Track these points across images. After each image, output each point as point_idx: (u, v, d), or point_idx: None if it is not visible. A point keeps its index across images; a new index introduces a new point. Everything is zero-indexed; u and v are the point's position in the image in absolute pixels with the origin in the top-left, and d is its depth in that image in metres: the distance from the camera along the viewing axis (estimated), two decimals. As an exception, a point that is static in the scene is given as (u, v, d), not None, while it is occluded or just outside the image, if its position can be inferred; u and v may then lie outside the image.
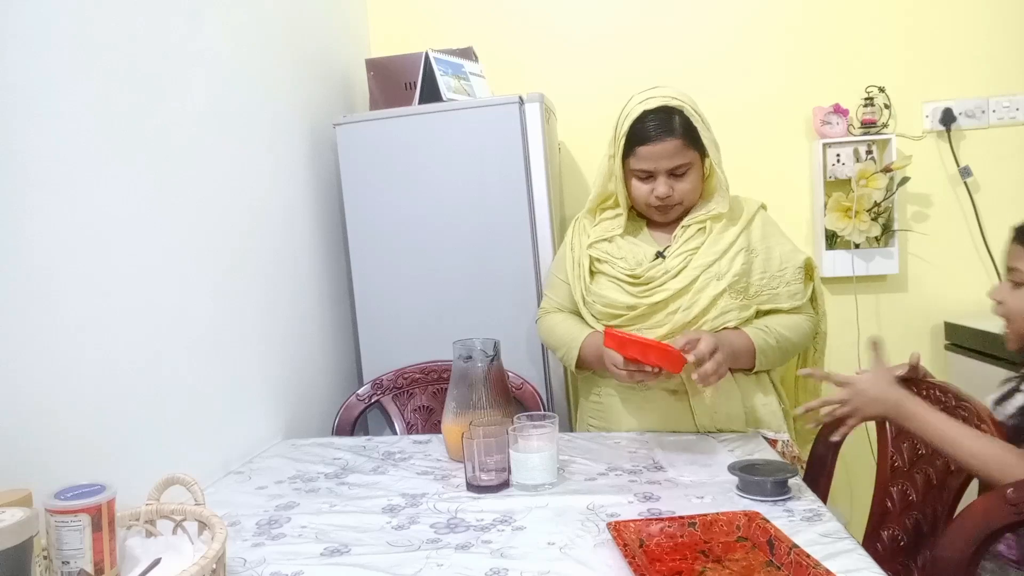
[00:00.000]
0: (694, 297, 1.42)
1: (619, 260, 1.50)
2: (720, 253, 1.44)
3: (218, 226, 1.49)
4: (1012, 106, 2.12)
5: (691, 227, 1.49)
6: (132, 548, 0.91)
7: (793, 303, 1.47)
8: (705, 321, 1.41)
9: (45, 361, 1.03)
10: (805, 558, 0.85)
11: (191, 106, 1.42)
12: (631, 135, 1.44)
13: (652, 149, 1.41)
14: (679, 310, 1.42)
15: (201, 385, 1.40)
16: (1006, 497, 0.94)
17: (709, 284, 1.42)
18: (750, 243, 1.47)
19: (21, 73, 1.02)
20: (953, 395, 1.26)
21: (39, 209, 1.04)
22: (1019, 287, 1.15)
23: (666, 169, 1.43)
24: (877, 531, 1.35)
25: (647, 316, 1.45)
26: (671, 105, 1.41)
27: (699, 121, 1.42)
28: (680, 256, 1.46)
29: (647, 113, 1.42)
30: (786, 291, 1.47)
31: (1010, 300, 1.16)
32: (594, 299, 1.51)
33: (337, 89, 2.15)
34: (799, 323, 1.48)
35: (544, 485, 1.20)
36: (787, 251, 1.49)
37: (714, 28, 2.24)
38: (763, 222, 1.51)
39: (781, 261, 1.48)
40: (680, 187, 1.45)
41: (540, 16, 2.32)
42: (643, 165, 1.44)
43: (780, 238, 1.51)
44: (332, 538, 1.07)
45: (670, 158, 1.42)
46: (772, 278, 1.46)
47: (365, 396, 1.88)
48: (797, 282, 1.48)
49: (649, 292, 1.45)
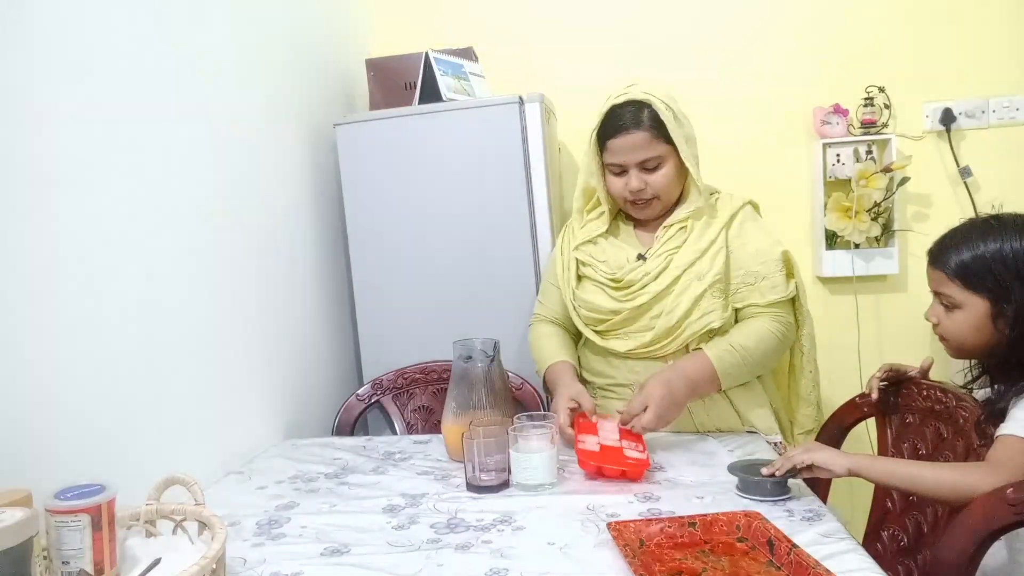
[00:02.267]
0: (676, 299, 1.42)
1: (601, 263, 1.50)
2: (701, 252, 1.43)
3: (218, 226, 1.49)
4: (1012, 106, 2.12)
5: (673, 227, 1.49)
6: (132, 548, 0.91)
7: (774, 296, 1.43)
8: (688, 323, 1.41)
9: (45, 361, 1.03)
10: (805, 558, 0.85)
11: (191, 106, 1.42)
12: (601, 130, 1.46)
13: (620, 142, 1.42)
14: (662, 314, 1.42)
15: (201, 385, 1.40)
16: (1006, 497, 0.94)
17: (691, 285, 1.42)
18: (729, 240, 1.46)
19: (21, 73, 1.02)
20: (953, 395, 1.26)
21: (39, 209, 1.04)
22: (951, 311, 1.17)
23: (636, 162, 1.43)
24: (877, 531, 1.35)
25: (631, 320, 1.46)
26: (639, 99, 1.42)
27: (669, 115, 1.41)
28: (661, 257, 1.46)
29: (615, 108, 1.44)
30: (766, 284, 1.43)
31: (945, 321, 1.19)
32: (579, 304, 1.52)
33: (337, 89, 2.15)
34: (763, 328, 1.42)
35: (544, 485, 1.20)
36: (763, 246, 1.46)
37: (714, 28, 2.24)
38: (744, 218, 1.49)
39: (757, 254, 1.45)
40: (653, 181, 1.45)
41: (540, 16, 2.32)
42: (614, 159, 1.45)
43: (757, 232, 1.48)
44: (332, 538, 1.07)
45: (638, 151, 1.42)
46: (748, 273, 1.44)
47: (365, 396, 1.88)
48: (777, 273, 1.44)
49: (631, 296, 1.45)
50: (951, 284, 1.16)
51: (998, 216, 1.17)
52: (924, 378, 1.36)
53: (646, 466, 1.23)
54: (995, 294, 1.11)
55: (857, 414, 1.46)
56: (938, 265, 1.19)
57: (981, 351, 1.18)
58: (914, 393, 1.36)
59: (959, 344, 1.19)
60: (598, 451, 1.26)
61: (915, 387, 1.35)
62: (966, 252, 1.14)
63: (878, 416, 1.43)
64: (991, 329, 1.13)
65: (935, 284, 1.20)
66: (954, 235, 1.19)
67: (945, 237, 1.20)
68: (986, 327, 1.13)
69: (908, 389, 1.37)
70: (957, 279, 1.15)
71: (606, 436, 1.32)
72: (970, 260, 1.14)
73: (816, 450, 1.11)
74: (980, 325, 1.14)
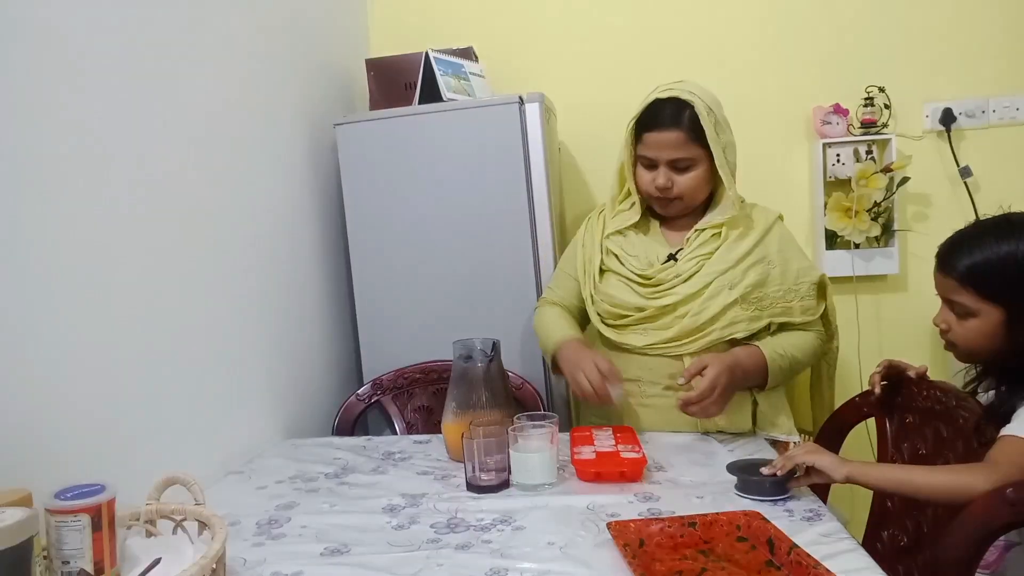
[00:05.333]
0: (704, 304, 1.41)
1: (631, 257, 1.50)
2: (734, 262, 1.43)
3: (218, 226, 1.49)
4: (1012, 106, 2.11)
5: (706, 231, 1.48)
6: (132, 548, 0.91)
7: (805, 318, 1.46)
8: (713, 329, 1.41)
9: (45, 361, 1.03)
10: (805, 558, 0.85)
11: (191, 106, 1.42)
12: (640, 121, 1.45)
13: (656, 137, 1.42)
14: (688, 315, 1.42)
15: (201, 385, 1.40)
16: (1006, 497, 0.94)
17: (721, 292, 1.41)
18: (767, 255, 1.45)
19: (21, 74, 1.02)
20: (953, 395, 1.26)
21: (39, 209, 1.04)
22: (963, 318, 1.14)
23: (667, 159, 1.43)
24: (877, 531, 1.35)
25: (655, 318, 1.45)
26: (683, 98, 1.41)
27: (710, 121, 1.40)
28: (693, 260, 1.45)
29: (658, 101, 1.43)
30: (799, 306, 1.45)
31: (956, 328, 1.16)
32: (602, 298, 1.50)
33: (337, 89, 2.15)
34: (809, 342, 1.47)
35: (544, 485, 1.20)
36: (804, 266, 1.48)
37: (714, 28, 2.24)
38: (780, 234, 1.50)
39: (797, 275, 1.46)
40: (681, 181, 1.44)
41: (540, 16, 2.32)
42: (647, 152, 1.45)
43: (797, 252, 1.50)
44: (332, 538, 1.07)
45: (672, 149, 1.42)
46: (788, 292, 1.45)
47: (365, 396, 1.88)
48: (811, 297, 1.47)
49: (659, 294, 1.45)
50: (964, 292, 1.12)
51: (1008, 217, 1.12)
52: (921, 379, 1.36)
53: (643, 464, 1.23)
54: (1011, 301, 1.08)
55: (857, 414, 1.46)
56: (948, 270, 1.14)
57: (990, 356, 1.16)
58: (914, 393, 1.36)
59: (969, 352, 1.16)
60: (595, 458, 1.26)
61: (915, 387, 1.35)
62: (979, 255, 1.10)
63: (878, 416, 1.43)
64: (1004, 336, 1.10)
65: (945, 291, 1.16)
66: (964, 237, 1.14)
67: (954, 240, 1.16)
68: (999, 335, 1.10)
69: (908, 389, 1.37)
70: (970, 286, 1.11)
71: (602, 443, 1.32)
72: (983, 264, 1.09)
73: (817, 453, 1.10)
74: (993, 333, 1.11)
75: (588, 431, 1.39)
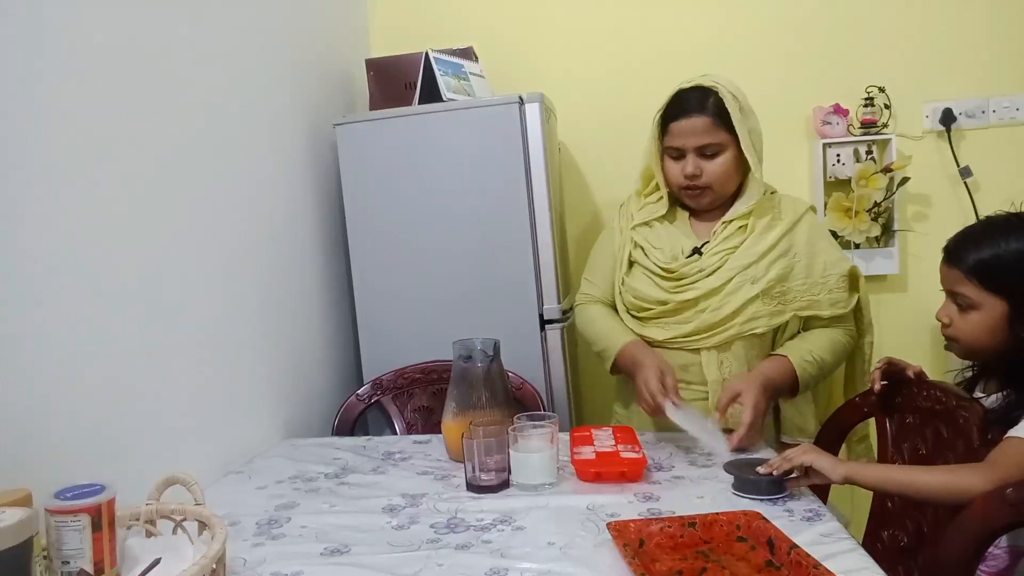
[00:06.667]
0: (725, 299, 1.41)
1: (656, 250, 1.49)
2: (759, 256, 1.42)
3: (218, 226, 1.49)
4: (1012, 106, 2.12)
5: (732, 223, 1.47)
6: (132, 548, 0.91)
7: (834, 311, 1.44)
8: (733, 324, 1.41)
9: (45, 361, 1.03)
10: (805, 558, 0.85)
11: (191, 106, 1.42)
12: (665, 113, 1.45)
13: (682, 125, 1.42)
14: (708, 309, 1.42)
15: (201, 385, 1.40)
16: (1006, 497, 0.94)
17: (743, 287, 1.41)
18: (792, 246, 1.44)
19: (21, 73, 1.02)
20: (953, 396, 1.26)
21: (39, 209, 1.04)
22: (966, 311, 1.14)
23: (694, 147, 1.42)
24: (877, 531, 1.35)
25: (676, 312, 1.45)
26: (707, 85, 1.42)
27: (735, 105, 1.40)
28: (717, 255, 1.45)
29: (682, 91, 1.44)
30: (827, 298, 1.43)
31: (958, 322, 1.16)
32: (626, 290, 1.51)
33: (337, 89, 2.15)
34: (838, 341, 1.45)
35: (544, 485, 1.20)
36: (833, 259, 1.46)
37: (714, 28, 2.24)
38: (810, 226, 1.48)
39: (825, 268, 1.44)
40: (709, 168, 1.43)
41: (540, 16, 2.32)
42: (674, 142, 1.45)
43: (826, 243, 1.48)
44: (332, 538, 1.07)
45: (699, 135, 1.41)
46: (813, 284, 1.43)
47: (365, 396, 1.88)
48: (840, 290, 1.44)
49: (681, 288, 1.44)
50: (968, 283, 1.12)
51: (1019, 214, 1.12)
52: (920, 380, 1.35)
53: (644, 464, 1.23)
54: (1015, 295, 1.08)
55: (857, 414, 1.46)
56: (955, 262, 1.14)
57: (991, 354, 1.16)
58: (914, 393, 1.35)
59: (970, 346, 1.16)
60: (595, 458, 1.26)
61: (915, 387, 1.35)
62: (986, 250, 1.10)
63: (878, 416, 1.43)
64: (1006, 332, 1.10)
65: (950, 283, 1.16)
66: (973, 232, 1.14)
67: (963, 234, 1.16)
68: (1001, 330, 1.10)
69: (908, 389, 1.37)
70: (975, 278, 1.11)
71: (602, 443, 1.32)
72: (990, 258, 1.10)
73: (815, 453, 1.10)
74: (996, 327, 1.11)
75: (588, 431, 1.39)
